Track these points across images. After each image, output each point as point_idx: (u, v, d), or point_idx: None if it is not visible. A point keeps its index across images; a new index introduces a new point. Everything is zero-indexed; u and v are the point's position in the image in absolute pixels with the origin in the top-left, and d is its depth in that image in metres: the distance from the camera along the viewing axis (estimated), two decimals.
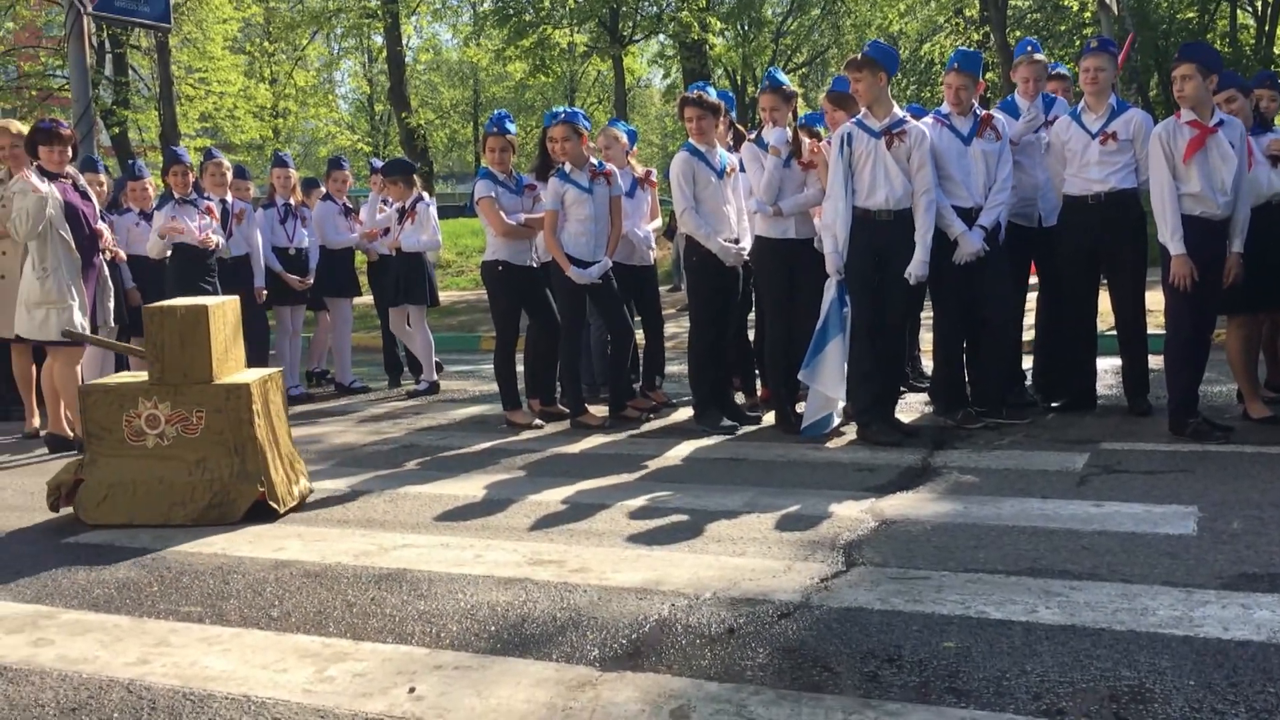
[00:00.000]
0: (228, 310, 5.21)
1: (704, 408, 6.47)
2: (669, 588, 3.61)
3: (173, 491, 4.85)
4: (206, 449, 4.90)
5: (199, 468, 4.88)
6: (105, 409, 4.95)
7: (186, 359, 4.92)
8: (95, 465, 4.94)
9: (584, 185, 6.59)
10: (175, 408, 4.90)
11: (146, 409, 4.91)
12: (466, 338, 12.81)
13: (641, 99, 44.96)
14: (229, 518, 4.79)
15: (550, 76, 25.22)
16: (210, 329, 4.93)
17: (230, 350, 5.14)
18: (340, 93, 44.32)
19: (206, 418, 4.90)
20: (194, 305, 5.04)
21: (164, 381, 4.93)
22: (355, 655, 3.15)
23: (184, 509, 4.82)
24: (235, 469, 4.88)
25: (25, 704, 2.90)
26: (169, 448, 4.91)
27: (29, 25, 25.58)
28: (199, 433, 4.90)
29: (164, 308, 5.04)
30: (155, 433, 4.92)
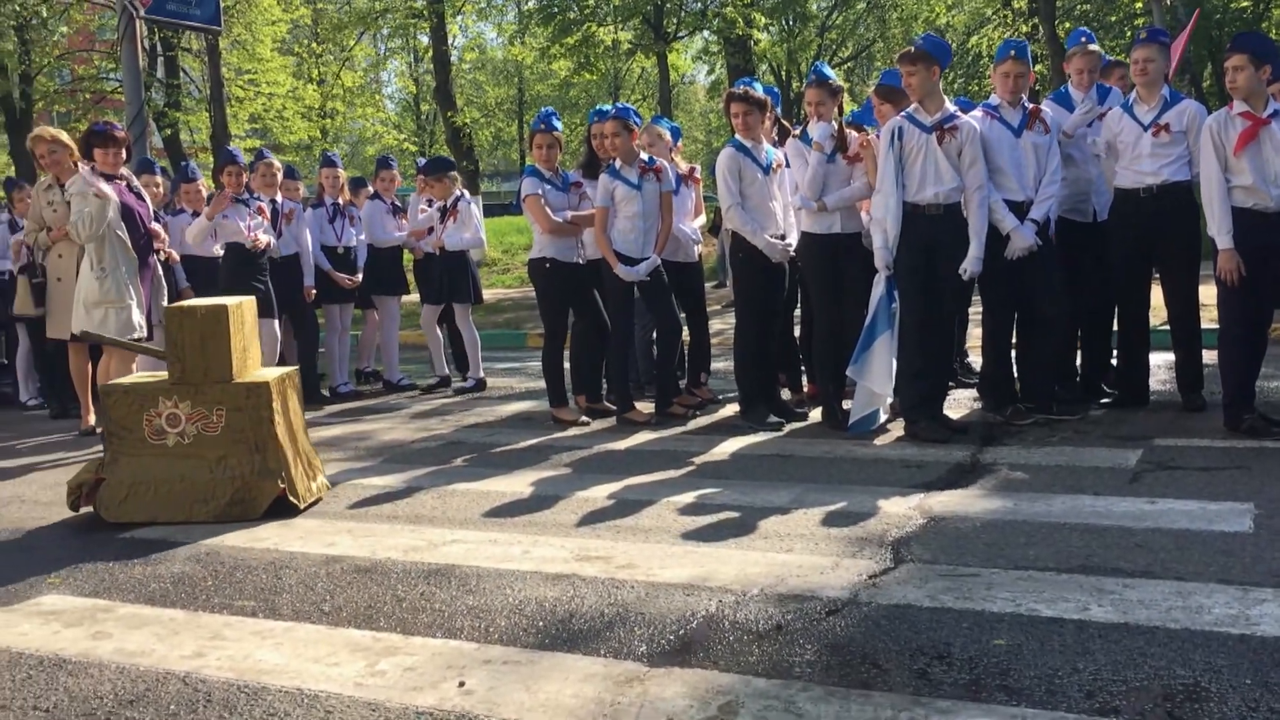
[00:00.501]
0: (245, 310, 5.27)
1: (750, 404, 6.46)
2: (716, 584, 3.61)
3: (194, 489, 4.91)
4: (227, 447, 4.96)
5: (220, 465, 4.94)
6: (125, 409, 5.01)
7: (207, 358, 4.99)
8: (116, 464, 5.00)
9: (633, 182, 6.60)
10: (196, 406, 4.96)
11: (167, 408, 4.98)
12: (512, 335, 12.88)
13: (686, 95, 44.92)
14: (250, 514, 4.86)
15: (594, 74, 25.27)
16: (230, 329, 5.00)
17: (249, 349, 5.21)
18: (387, 92, 44.68)
19: (227, 416, 4.96)
20: (214, 305, 5.10)
21: (184, 381, 5.00)
22: (405, 649, 3.18)
23: (206, 506, 4.88)
24: (256, 466, 4.94)
25: (85, 695, 2.96)
26: (190, 446, 4.97)
27: (83, 29, 26.04)
28: (219, 431, 4.96)
29: (184, 308, 5.11)
30: (176, 431, 4.98)
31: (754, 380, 6.46)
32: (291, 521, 4.78)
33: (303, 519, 4.83)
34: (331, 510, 4.98)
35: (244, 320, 5.19)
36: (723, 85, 24.34)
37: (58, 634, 3.45)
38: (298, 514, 4.91)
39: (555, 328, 7.03)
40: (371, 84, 36.55)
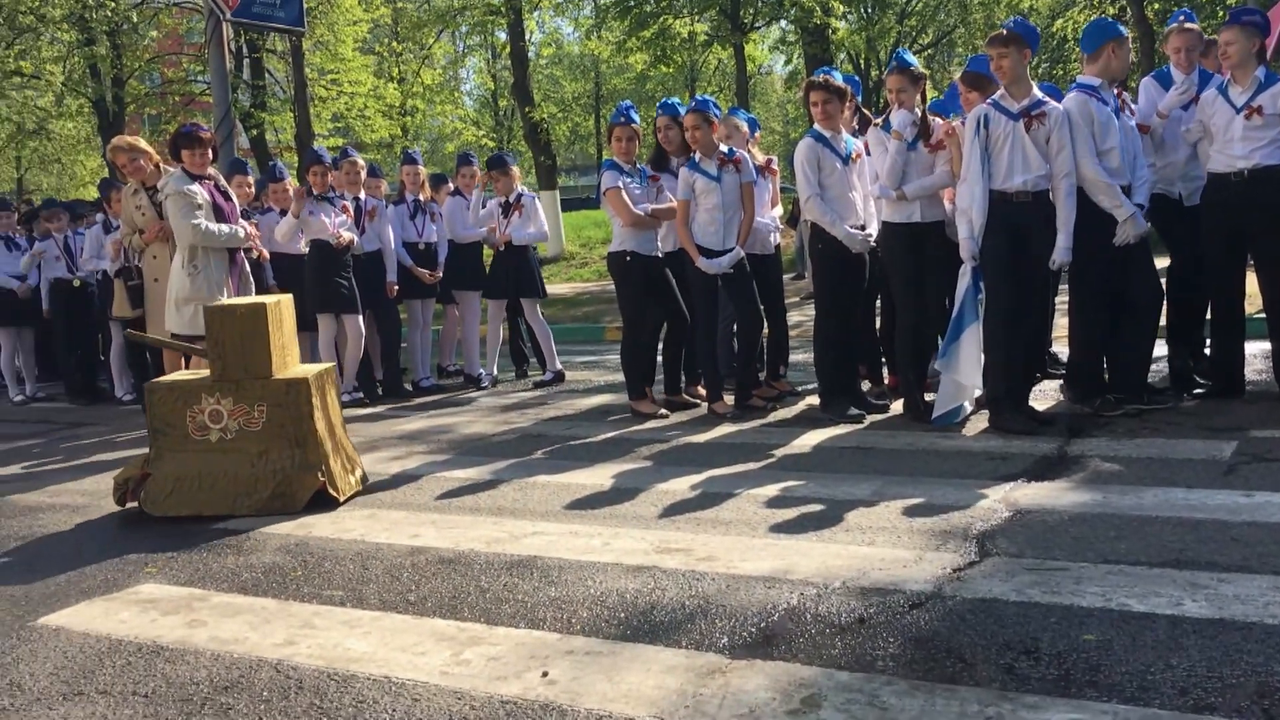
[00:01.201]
0: (284, 308, 5.39)
1: (830, 396, 6.41)
2: (797, 576, 3.59)
3: (237, 483, 5.02)
4: (268, 441, 5.06)
5: (261, 460, 5.04)
6: (169, 406, 5.13)
7: (247, 356, 5.10)
8: (161, 460, 5.12)
9: (712, 174, 6.59)
10: (237, 403, 5.07)
11: (209, 405, 5.09)
12: (591, 328, 12.94)
13: (763, 86, 44.66)
14: (291, 507, 4.95)
15: (671, 67, 25.22)
16: (269, 327, 5.11)
17: (288, 346, 5.32)
18: (465, 89, 45.13)
19: (268, 411, 5.06)
20: (253, 304, 5.21)
21: (226, 378, 5.11)
22: (489, 639, 3.22)
23: (248, 500, 4.97)
24: (297, 460, 5.04)
25: (182, 681, 3.05)
26: (232, 441, 5.08)
27: (172, 33, 26.75)
28: (261, 426, 5.07)
29: (224, 307, 5.23)
30: (218, 427, 5.09)
31: (834, 372, 6.41)
32: (377, 513, 4.87)
33: (388, 510, 4.91)
34: (416, 502, 5.06)
35: (283, 318, 5.31)
36: (800, 75, 24.16)
37: (155, 621, 3.56)
38: (337, 506, 5.01)
39: (634, 320, 7.05)
40: (450, 81, 37.00)
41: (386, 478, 5.62)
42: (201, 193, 6.72)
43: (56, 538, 4.77)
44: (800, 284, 14.17)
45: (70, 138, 29.26)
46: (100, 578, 4.11)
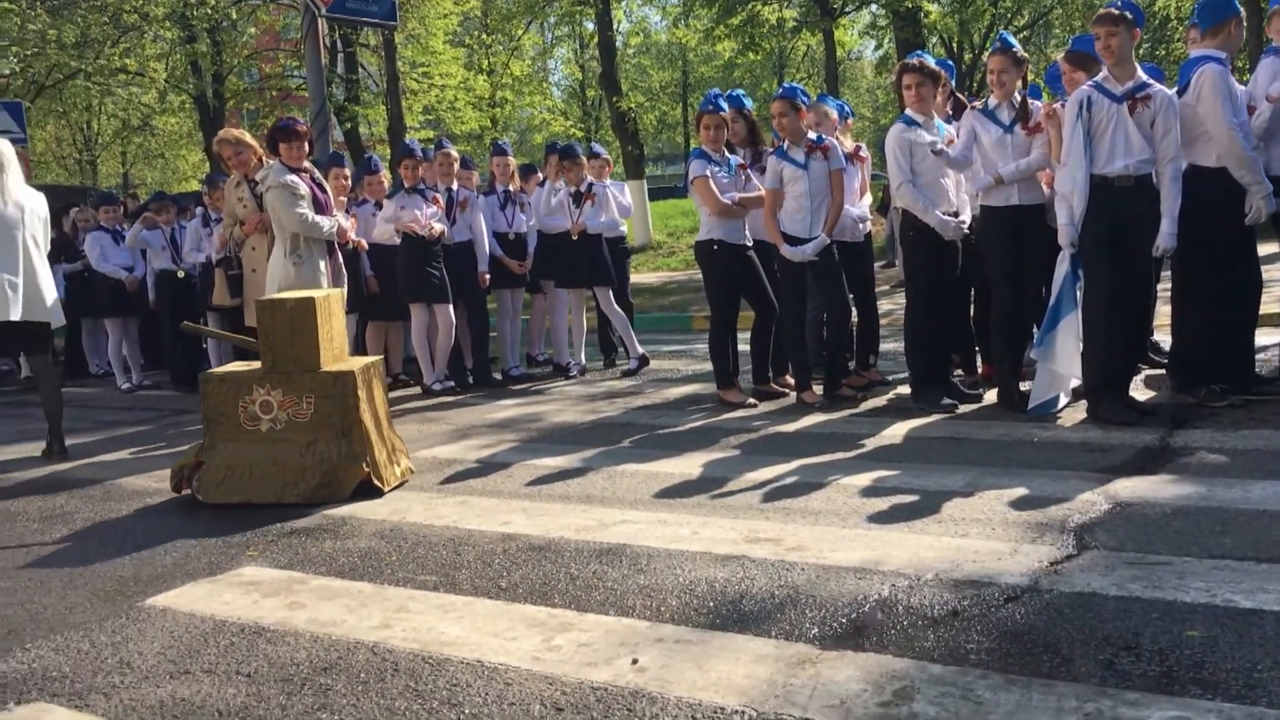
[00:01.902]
0: (333, 302, 5.52)
1: (922, 385, 6.32)
2: (889, 568, 3.55)
3: (285, 472, 5.12)
4: (316, 432, 5.18)
5: (309, 450, 5.15)
6: (222, 396, 5.26)
7: (296, 349, 5.22)
8: (214, 449, 5.26)
9: (799, 161, 6.54)
10: (287, 394, 5.20)
11: (260, 395, 5.22)
12: (679, 317, 12.94)
13: (852, 72, 44.14)
14: (337, 496, 5.06)
15: (759, 54, 25.04)
16: (317, 320, 5.22)
17: (336, 339, 5.43)
18: (553, 80, 45.45)
19: (315, 403, 5.18)
20: (303, 298, 5.33)
21: (276, 370, 5.23)
22: (580, 626, 3.25)
23: (296, 488, 5.09)
24: (343, 450, 5.14)
25: (283, 662, 3.13)
26: (281, 431, 5.20)
27: (269, 30, 27.36)
28: (309, 417, 5.19)
29: (275, 301, 5.36)
30: (269, 417, 5.22)
31: (925, 361, 6.32)
32: (469, 500, 4.93)
33: (479, 497, 4.98)
34: (506, 489, 5.12)
35: (331, 312, 5.42)
36: (891, 60, 23.79)
37: (257, 603, 3.66)
38: (381, 496, 5.10)
39: (721, 310, 7.03)
40: (539, 72, 37.31)
41: (477, 465, 5.70)
42: (302, 184, 6.85)
43: (163, 521, 4.93)
44: (890, 272, 13.99)
45: (173, 133, 30.18)
46: (204, 560, 4.24)
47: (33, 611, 3.73)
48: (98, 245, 10.35)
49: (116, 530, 4.81)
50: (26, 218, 6.60)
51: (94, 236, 10.44)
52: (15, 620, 3.64)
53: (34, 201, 6.71)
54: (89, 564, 4.29)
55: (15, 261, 6.48)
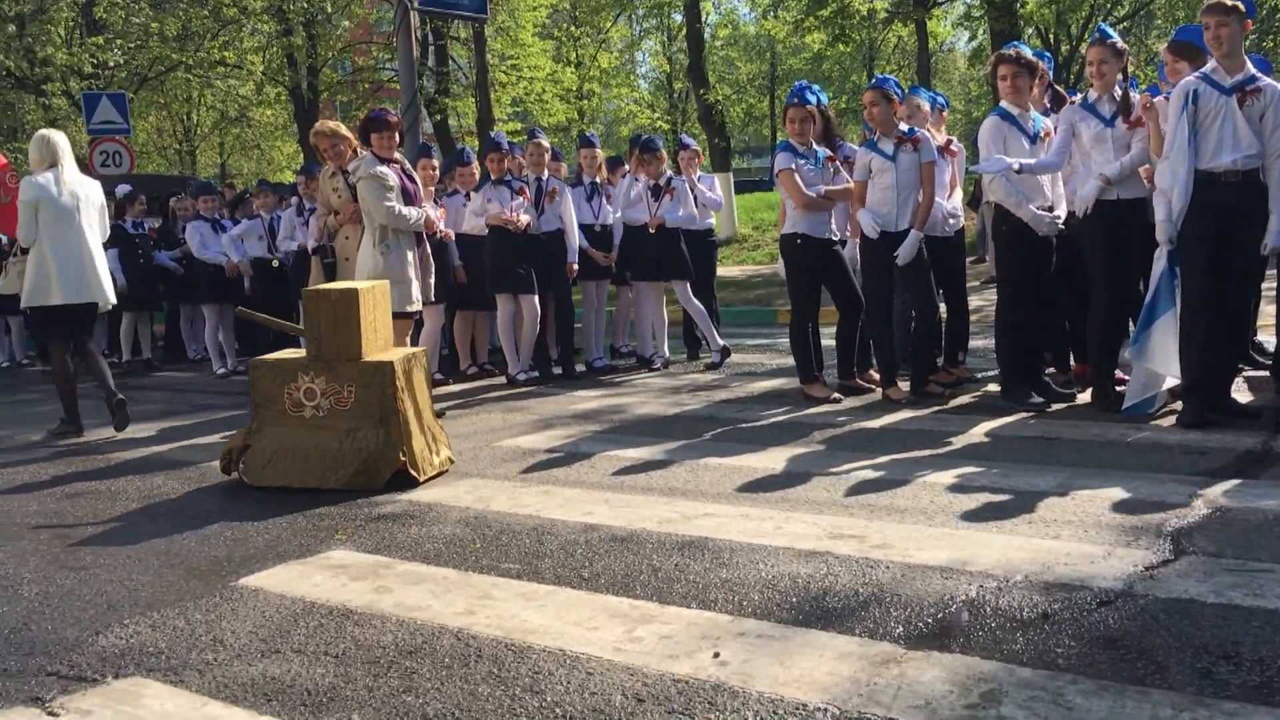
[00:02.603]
0: (378, 294, 5.60)
1: (1012, 383, 6.20)
2: (976, 568, 3.49)
3: (326, 458, 5.22)
4: (356, 420, 5.26)
5: (349, 437, 5.24)
6: (270, 382, 5.39)
7: (339, 338, 5.32)
8: (261, 433, 5.39)
9: (888, 153, 6.46)
10: (329, 382, 5.29)
11: (305, 383, 5.32)
12: (763, 311, 12.87)
13: (944, 64, 43.41)
14: (374, 483, 5.13)
15: (849, 46, 24.78)
16: (360, 311, 5.32)
17: (379, 330, 5.53)
18: (640, 72, 45.47)
19: (356, 391, 5.26)
20: (346, 289, 5.43)
21: (320, 358, 5.34)
22: (661, 618, 3.24)
23: (335, 474, 5.18)
24: (381, 439, 5.20)
25: (369, 644, 3.18)
26: (324, 418, 5.30)
27: (362, 23, 27.82)
28: (350, 405, 5.27)
29: (320, 291, 5.47)
30: (312, 404, 5.32)
31: (1016, 358, 6.19)
32: (552, 490, 4.96)
33: (562, 488, 5.00)
34: (589, 480, 5.14)
35: (375, 303, 5.50)
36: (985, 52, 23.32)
37: (345, 586, 3.72)
38: (417, 486, 5.16)
39: (802, 304, 6.97)
40: (626, 65, 37.36)
41: (560, 455, 5.73)
42: (391, 175, 6.95)
43: (255, 504, 5.04)
44: (982, 267, 13.75)
45: (268, 124, 30.85)
46: (295, 543, 4.33)
47: (131, 589, 3.84)
48: (197, 234, 10.65)
49: (211, 511, 4.93)
50: (82, 205, 7.01)
51: (194, 225, 10.73)
52: (115, 597, 3.76)
53: (89, 189, 7.13)
54: (185, 543, 4.41)
55: (69, 247, 6.90)
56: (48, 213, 6.87)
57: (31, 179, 6.96)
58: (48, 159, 6.99)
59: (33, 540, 4.57)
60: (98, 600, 3.72)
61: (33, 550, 4.41)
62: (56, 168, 6.96)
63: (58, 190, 6.89)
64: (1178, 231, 5.36)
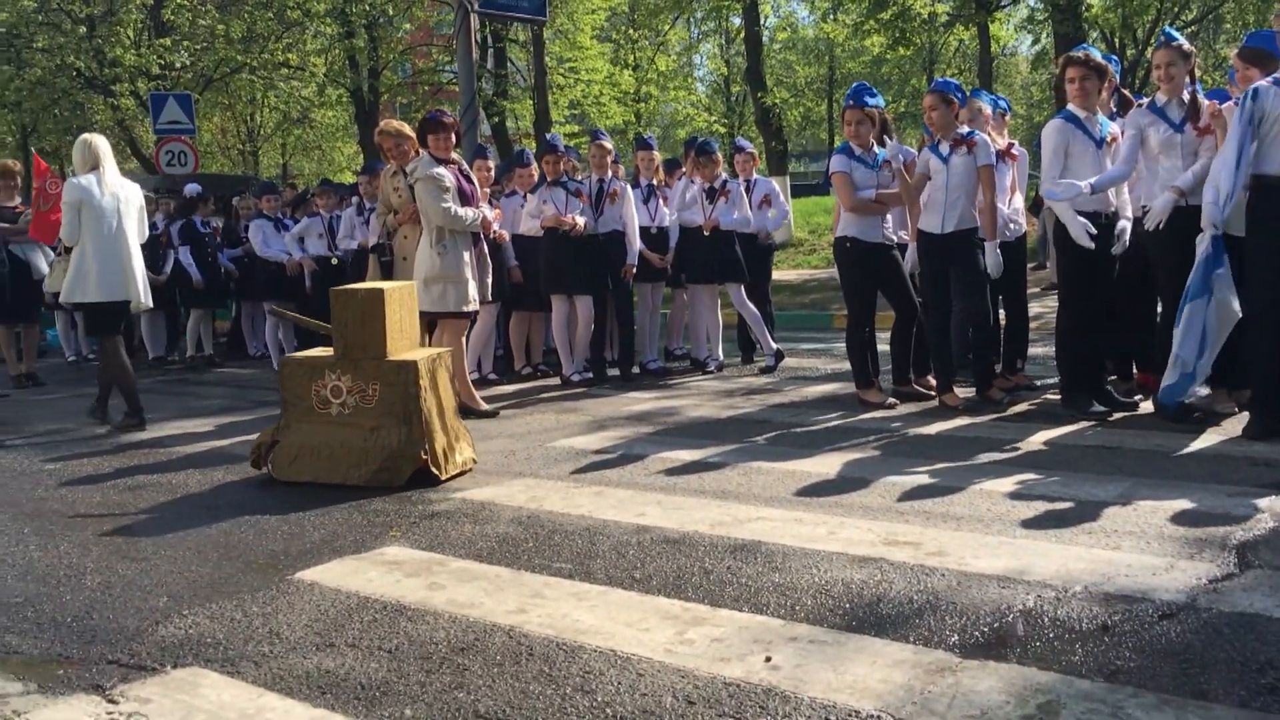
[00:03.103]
0: (404, 294, 5.67)
1: (1072, 391, 6.10)
2: (1034, 578, 3.44)
3: (350, 455, 5.30)
4: (380, 418, 5.33)
5: (373, 434, 5.31)
6: (298, 380, 5.49)
7: (365, 337, 5.39)
8: (289, 429, 5.49)
9: (942, 155, 6.40)
10: (355, 380, 5.38)
11: (331, 380, 5.42)
12: (818, 315, 12.80)
13: (1006, 68, 42.87)
14: (395, 481, 5.20)
15: (909, 49, 24.59)
16: (386, 311, 5.38)
17: (405, 330, 5.59)
18: (698, 75, 45.43)
19: (380, 390, 5.34)
20: (373, 289, 5.50)
21: (346, 356, 5.42)
22: (713, 621, 3.23)
23: (358, 471, 5.26)
24: (403, 437, 5.27)
25: (422, 640, 3.20)
26: (349, 415, 5.38)
27: (423, 25, 28.09)
28: (374, 403, 5.35)
29: (347, 290, 5.55)
30: (338, 402, 5.41)
31: (1076, 366, 6.09)
32: (604, 490, 4.97)
33: (614, 489, 5.01)
34: (641, 482, 5.14)
35: (401, 303, 5.57)
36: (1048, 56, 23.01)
37: (399, 582, 3.75)
38: (438, 484, 5.21)
39: (855, 308, 6.91)
40: (684, 67, 37.35)
41: (613, 456, 5.73)
42: (448, 176, 7.00)
43: (311, 499, 5.10)
44: (1042, 274, 13.55)
45: (330, 126, 31.26)
46: (350, 538, 4.37)
47: (191, 580, 3.90)
48: (260, 232, 10.81)
49: (269, 506, 5.00)
50: (122, 206, 7.26)
51: (257, 224, 10.90)
52: (175, 588, 3.82)
53: (129, 192, 7.39)
54: (243, 537, 4.47)
55: (108, 246, 7.14)
56: (89, 213, 7.13)
57: (74, 181, 7.25)
58: (89, 162, 7.26)
59: (96, 531, 4.66)
60: (158, 591, 3.79)
61: (95, 541, 4.50)
62: (98, 170, 7.23)
63: (99, 192, 7.15)
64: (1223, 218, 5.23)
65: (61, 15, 22.49)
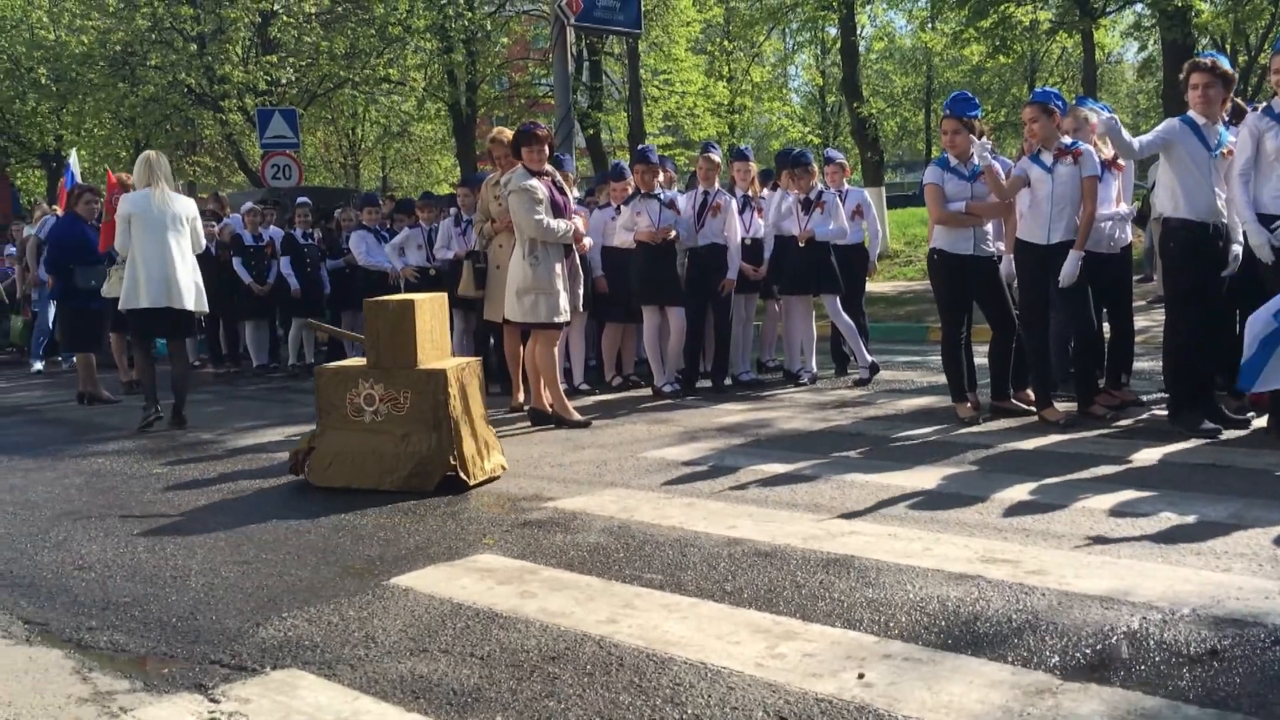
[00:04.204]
0: (436, 305, 5.84)
1: (1180, 407, 5.91)
2: (1139, 599, 3.33)
3: (383, 461, 5.45)
4: (411, 425, 5.48)
5: (404, 441, 5.46)
6: (333, 388, 5.66)
7: (396, 346, 5.56)
8: (324, 436, 5.66)
9: (1046, 165, 6.26)
10: (387, 389, 5.53)
11: (364, 389, 5.58)
12: (914, 328, 12.62)
13: (1110, 76, 41.83)
14: (425, 486, 5.34)
15: (1010, 57, 24.10)
16: (416, 321, 5.54)
17: (435, 340, 5.75)
18: (793, 86, 45.20)
19: (411, 398, 5.48)
20: (403, 300, 5.68)
21: (379, 366, 5.59)
22: (804, 635, 3.19)
23: (390, 477, 5.41)
24: (433, 444, 5.41)
25: (513, 648, 3.23)
26: (381, 423, 5.53)
27: (520, 40, 28.43)
28: (405, 411, 5.50)
29: (379, 302, 5.75)
30: (371, 410, 5.56)
31: (1185, 382, 5.90)
32: (695, 502, 4.95)
33: (705, 500, 4.99)
34: (733, 494, 5.11)
35: (432, 313, 5.73)
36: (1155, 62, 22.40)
37: (491, 590, 3.78)
38: (466, 490, 5.33)
39: (950, 321, 6.79)
40: (779, 78, 37.18)
41: (705, 468, 5.71)
42: (541, 188, 7.06)
43: (408, 507, 5.18)
44: (1149, 286, 13.17)
45: (428, 139, 31.79)
46: (444, 545, 4.43)
47: (289, 583, 3.99)
48: (363, 243, 11.03)
49: (366, 512, 5.08)
50: (171, 220, 7.73)
51: (359, 235, 11.13)
52: (274, 590, 3.91)
53: (181, 206, 7.89)
54: (340, 542, 4.56)
55: (157, 256, 7.60)
56: (139, 225, 7.61)
57: (128, 195, 7.81)
58: (145, 178, 7.77)
59: (201, 533, 4.79)
60: (258, 593, 3.88)
61: (200, 543, 4.63)
62: (153, 186, 7.70)
63: (151, 205, 7.64)
64: None
65: (174, 34, 23.26)
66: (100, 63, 23.18)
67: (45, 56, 23.38)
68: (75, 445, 7.32)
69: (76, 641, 3.45)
